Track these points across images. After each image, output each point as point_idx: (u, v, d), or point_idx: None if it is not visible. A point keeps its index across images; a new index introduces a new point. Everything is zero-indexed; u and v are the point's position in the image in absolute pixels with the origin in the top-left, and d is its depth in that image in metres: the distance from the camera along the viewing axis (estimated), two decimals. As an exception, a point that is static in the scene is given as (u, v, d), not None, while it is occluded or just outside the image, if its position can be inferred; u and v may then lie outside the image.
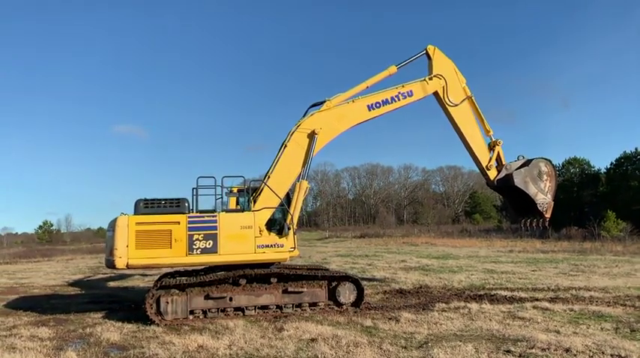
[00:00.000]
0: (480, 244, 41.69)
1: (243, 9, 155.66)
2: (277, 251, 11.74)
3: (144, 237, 11.09)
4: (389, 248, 40.66)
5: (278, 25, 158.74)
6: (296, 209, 12.25)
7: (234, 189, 13.29)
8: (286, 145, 12.45)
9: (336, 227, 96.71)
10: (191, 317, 11.22)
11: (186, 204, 11.59)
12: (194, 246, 11.20)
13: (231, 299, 11.47)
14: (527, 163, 14.36)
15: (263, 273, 11.62)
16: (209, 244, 11.27)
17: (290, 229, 11.96)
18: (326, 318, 11.14)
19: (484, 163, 14.38)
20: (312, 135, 12.49)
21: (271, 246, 11.69)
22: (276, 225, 12.20)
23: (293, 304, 11.84)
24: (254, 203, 12.00)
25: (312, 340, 9.05)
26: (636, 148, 55.46)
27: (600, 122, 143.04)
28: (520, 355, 7.85)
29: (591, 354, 7.75)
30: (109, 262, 11.28)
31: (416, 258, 28.08)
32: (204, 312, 11.39)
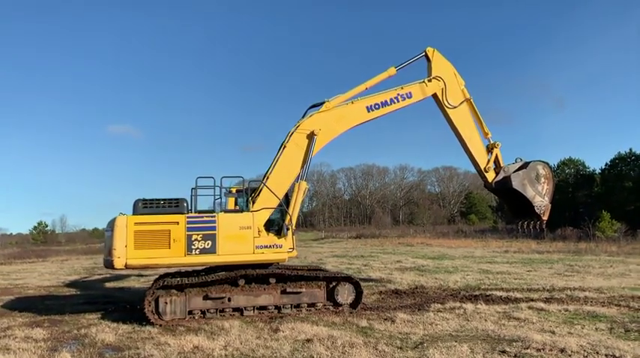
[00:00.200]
0: (476, 244, 41.82)
1: (241, 9, 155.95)
2: (276, 251, 11.74)
3: (143, 237, 11.06)
4: (385, 248, 40.71)
5: (277, 25, 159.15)
6: (295, 209, 12.25)
7: (232, 190, 13.30)
8: (285, 146, 12.46)
9: (332, 227, 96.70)
10: (189, 317, 11.21)
11: (185, 205, 11.57)
12: (193, 247, 11.19)
13: (229, 299, 11.46)
14: (525, 166, 14.41)
15: (264, 273, 11.63)
16: (208, 244, 11.26)
17: (289, 230, 11.97)
18: (321, 319, 11.14)
19: (482, 165, 14.42)
20: (311, 136, 12.50)
21: (270, 247, 11.68)
22: (274, 226, 12.22)
23: (291, 304, 11.84)
24: (253, 203, 12.00)
25: (307, 340, 9.05)
26: (630, 149, 55.94)
27: (595, 123, 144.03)
28: (515, 355, 7.87)
29: (586, 354, 7.77)
30: (108, 262, 11.25)
31: (411, 259, 28.13)
32: (202, 313, 11.38)
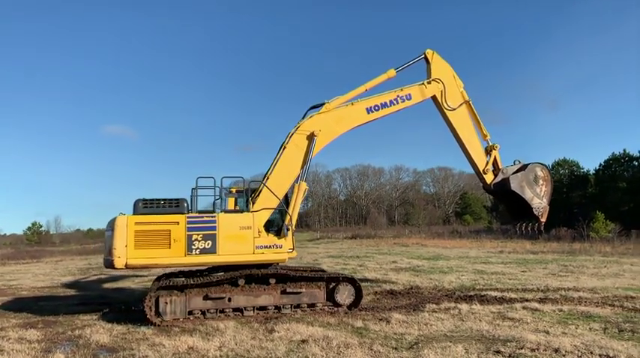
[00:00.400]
0: (471, 245, 41.89)
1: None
2: (276, 252, 11.79)
3: (143, 237, 11.07)
4: (380, 249, 40.73)
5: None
6: (295, 210, 12.29)
7: (232, 190, 13.34)
8: (285, 147, 12.50)
9: (328, 228, 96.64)
10: (190, 317, 11.23)
11: (185, 205, 11.59)
12: (193, 247, 11.21)
13: (230, 299, 11.49)
14: (523, 168, 14.48)
15: (266, 274, 11.68)
16: (208, 244, 11.28)
17: (289, 230, 12.01)
18: (317, 319, 11.14)
19: (481, 167, 14.48)
20: (311, 137, 12.54)
21: (270, 247, 11.73)
22: (274, 226, 12.27)
23: (291, 305, 11.88)
24: (253, 204, 12.03)
25: (302, 341, 9.04)
26: (624, 150, 56.22)
27: (589, 123, 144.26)
28: (510, 355, 7.90)
29: (580, 354, 7.81)
30: (108, 262, 11.25)
31: (407, 259, 28.17)
32: (203, 313, 11.40)
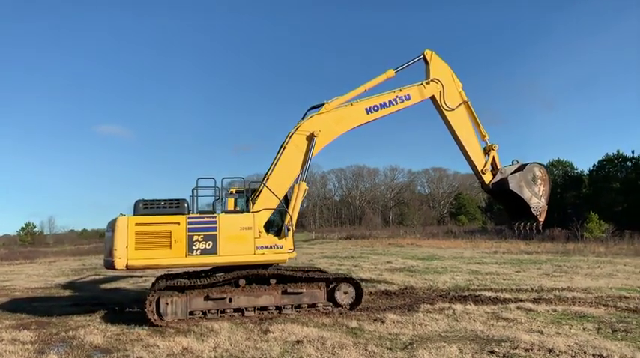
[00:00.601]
0: (465, 245, 41.97)
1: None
2: (277, 252, 11.81)
3: (144, 238, 11.07)
4: (375, 249, 40.78)
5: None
6: (295, 210, 12.31)
7: (232, 190, 13.36)
8: (285, 147, 12.53)
9: (323, 228, 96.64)
10: (190, 318, 11.25)
11: (185, 205, 11.60)
12: (194, 247, 11.22)
13: (230, 300, 11.52)
14: (521, 168, 14.54)
15: (267, 274, 11.73)
16: (209, 245, 11.29)
17: (290, 230, 12.04)
18: (312, 320, 11.14)
19: (479, 167, 14.52)
20: (310, 137, 12.57)
21: (271, 248, 11.76)
22: (274, 227, 12.31)
23: (292, 305, 11.91)
24: (252, 204, 12.05)
25: (297, 342, 9.04)
26: (618, 151, 56.37)
27: (583, 124, 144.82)
28: (504, 355, 7.93)
29: (573, 354, 7.85)
30: (109, 263, 11.24)
31: (401, 259, 28.21)
32: (203, 313, 11.41)
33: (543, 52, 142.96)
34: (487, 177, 14.60)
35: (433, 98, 14.16)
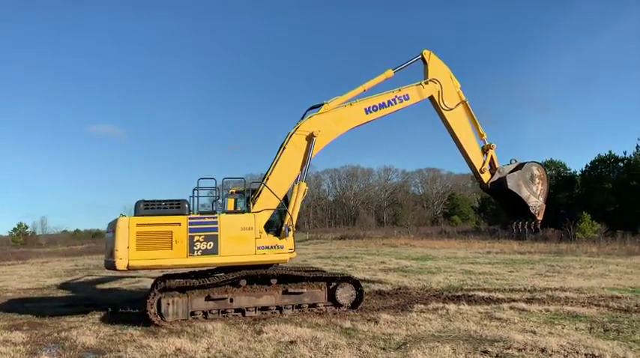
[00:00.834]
0: (459, 245, 42.07)
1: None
2: (277, 252, 11.84)
3: (145, 239, 11.05)
4: (369, 249, 40.80)
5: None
6: (295, 210, 12.33)
7: (232, 191, 13.37)
8: (285, 147, 12.54)
9: (317, 228, 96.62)
10: (192, 318, 11.26)
11: (186, 206, 11.60)
12: (195, 248, 11.23)
13: (231, 300, 11.54)
14: (519, 167, 14.59)
15: (268, 274, 11.76)
16: (210, 245, 11.30)
17: (290, 230, 12.06)
18: (305, 320, 11.14)
19: (478, 166, 14.55)
20: (310, 137, 12.58)
21: (271, 248, 11.78)
22: (273, 227, 12.33)
23: (293, 305, 11.95)
24: (252, 204, 12.06)
25: (291, 342, 9.04)
26: (610, 151, 56.74)
27: (575, 125, 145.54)
28: (497, 355, 7.95)
29: (566, 354, 7.89)
30: (110, 263, 11.21)
31: (395, 260, 28.25)
32: (204, 313, 11.41)
33: (537, 53, 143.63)
34: (485, 176, 14.65)
35: (432, 98, 14.18)
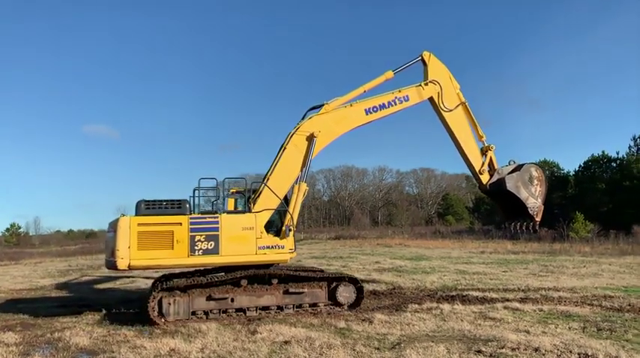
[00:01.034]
0: (453, 245, 42.18)
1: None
2: (278, 252, 11.88)
3: (146, 238, 11.05)
4: (363, 249, 40.81)
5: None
6: (295, 210, 12.35)
7: (232, 191, 13.39)
8: (285, 148, 12.56)
9: (311, 228, 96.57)
10: (193, 318, 11.26)
11: (187, 206, 11.59)
12: (196, 247, 11.24)
13: (232, 300, 11.55)
14: (518, 168, 14.64)
15: (270, 274, 11.79)
16: (211, 245, 11.31)
17: (291, 231, 12.08)
18: (300, 320, 11.15)
19: (477, 168, 14.59)
20: (310, 138, 12.60)
21: (272, 248, 11.82)
22: (273, 227, 12.35)
23: (293, 305, 11.97)
24: (253, 204, 12.06)
25: (285, 342, 9.03)
26: (603, 151, 57.20)
27: (569, 125, 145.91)
28: (491, 355, 7.98)
29: (559, 353, 7.93)
30: (110, 263, 11.19)
31: (390, 260, 28.28)
32: (205, 313, 11.42)
33: (530, 53, 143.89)
34: (484, 177, 14.69)
35: (431, 99, 14.21)
